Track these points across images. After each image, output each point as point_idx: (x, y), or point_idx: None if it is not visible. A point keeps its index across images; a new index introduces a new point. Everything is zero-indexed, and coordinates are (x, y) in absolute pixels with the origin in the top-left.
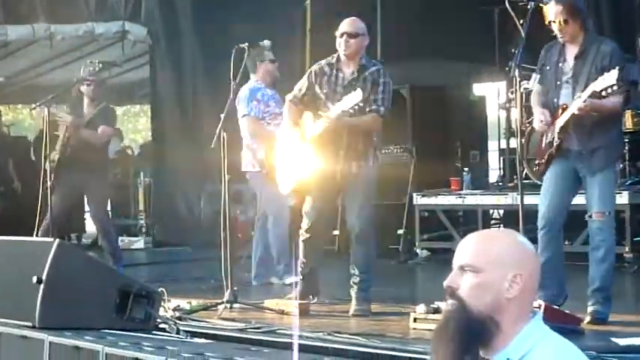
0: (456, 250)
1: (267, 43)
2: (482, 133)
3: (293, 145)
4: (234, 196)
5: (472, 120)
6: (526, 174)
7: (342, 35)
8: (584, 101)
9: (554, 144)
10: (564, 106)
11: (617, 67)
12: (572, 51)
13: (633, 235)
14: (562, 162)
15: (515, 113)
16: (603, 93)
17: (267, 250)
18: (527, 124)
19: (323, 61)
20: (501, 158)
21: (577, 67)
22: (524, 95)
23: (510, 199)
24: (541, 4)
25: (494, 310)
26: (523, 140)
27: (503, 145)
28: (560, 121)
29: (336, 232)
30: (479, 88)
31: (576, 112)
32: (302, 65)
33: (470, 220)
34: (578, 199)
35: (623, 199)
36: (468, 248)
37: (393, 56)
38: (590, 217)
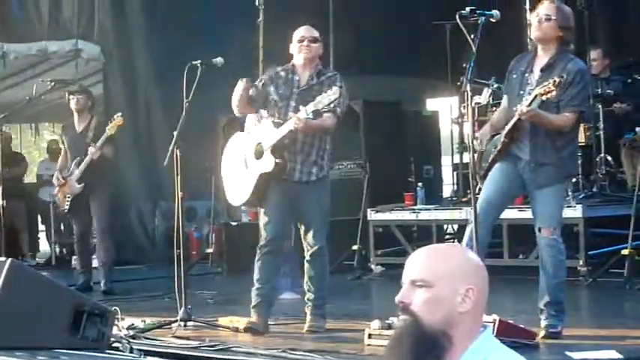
0: (406, 265)
1: (219, 60)
2: (436, 148)
3: (245, 154)
4: (187, 214)
5: (425, 135)
6: (479, 188)
7: (301, 40)
8: (528, 106)
9: (500, 144)
10: None
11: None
12: (540, 63)
13: (587, 249)
14: (509, 165)
15: (468, 128)
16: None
17: None
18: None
19: (278, 67)
20: (455, 173)
21: (541, 80)
22: (476, 109)
23: (464, 213)
24: (491, 19)
25: (448, 325)
26: (475, 155)
27: (457, 160)
28: (508, 125)
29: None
30: (432, 104)
31: (520, 117)
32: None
33: (424, 235)
34: (530, 214)
35: (577, 212)
36: (419, 263)
37: (345, 71)
38: (540, 231)
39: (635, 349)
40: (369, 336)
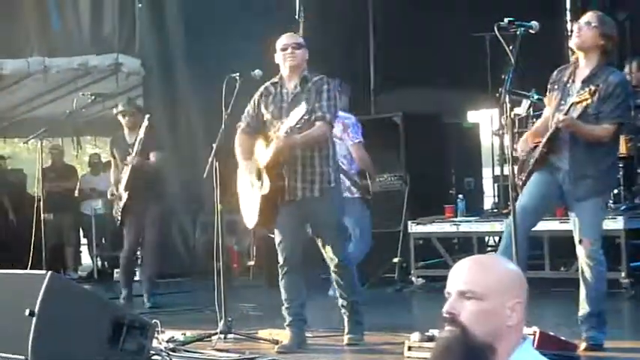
0: (451, 275)
1: (258, 72)
2: (476, 160)
3: (250, 176)
4: (228, 227)
5: (466, 147)
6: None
7: (285, 48)
8: (565, 114)
9: (538, 155)
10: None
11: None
12: (582, 74)
13: (629, 261)
14: (547, 174)
15: (507, 139)
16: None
17: None
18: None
19: (267, 83)
20: (495, 185)
21: (582, 90)
22: (516, 121)
23: (505, 225)
24: (530, 31)
25: (494, 338)
26: (516, 166)
27: (497, 172)
28: (547, 135)
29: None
30: (472, 115)
31: (557, 126)
32: None
33: (465, 248)
34: (571, 225)
35: (618, 224)
36: (467, 274)
37: (385, 84)
38: (580, 242)
39: None
40: (409, 348)
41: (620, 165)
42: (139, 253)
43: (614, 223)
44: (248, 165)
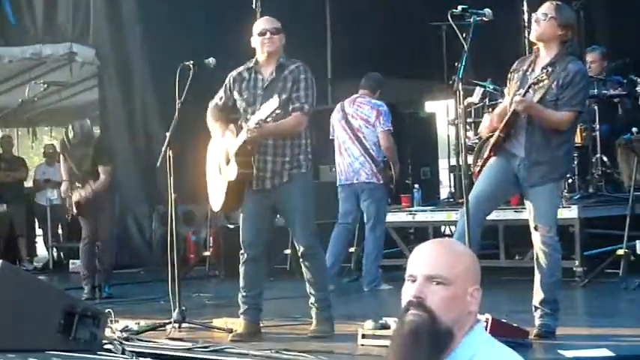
0: (417, 259)
1: (212, 60)
2: (433, 150)
3: (219, 160)
4: (185, 217)
5: (422, 137)
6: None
7: (263, 33)
8: (523, 96)
9: (495, 139)
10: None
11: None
12: (542, 62)
13: (583, 249)
14: (503, 161)
15: (461, 129)
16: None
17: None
18: (478, 139)
19: (241, 67)
20: (451, 174)
21: (545, 74)
22: (472, 110)
23: (460, 215)
24: (484, 18)
25: (456, 324)
26: (470, 155)
27: (454, 162)
28: (504, 120)
29: (287, 251)
30: (430, 106)
31: (514, 107)
32: None
33: (421, 237)
34: (526, 215)
35: (572, 213)
36: (435, 258)
37: (343, 73)
38: (535, 229)
39: (627, 347)
40: (363, 336)
41: (575, 154)
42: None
43: (569, 212)
44: (219, 146)
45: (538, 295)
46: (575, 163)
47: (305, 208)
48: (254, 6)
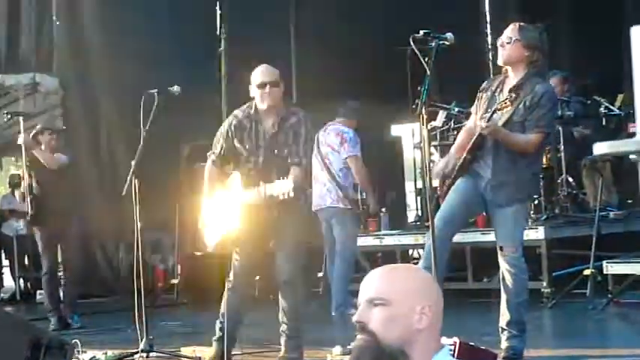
0: (362, 285)
1: (177, 88)
2: (399, 174)
3: (219, 202)
4: (152, 245)
5: (388, 161)
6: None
7: (263, 86)
8: (488, 122)
9: (462, 160)
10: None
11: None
12: (510, 83)
13: (550, 270)
14: (469, 182)
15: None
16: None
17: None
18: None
19: (240, 114)
20: (418, 198)
21: (509, 100)
22: (437, 134)
23: (428, 238)
24: (445, 43)
25: (405, 343)
26: (435, 179)
27: (420, 185)
28: (470, 142)
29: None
30: (396, 129)
31: (479, 131)
32: (218, 111)
33: (389, 261)
34: (493, 236)
35: (539, 234)
36: (375, 282)
37: (308, 97)
38: (501, 249)
39: None
40: None
41: (541, 176)
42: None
43: (536, 233)
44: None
45: (505, 316)
46: (541, 184)
47: (297, 234)
48: (218, 32)
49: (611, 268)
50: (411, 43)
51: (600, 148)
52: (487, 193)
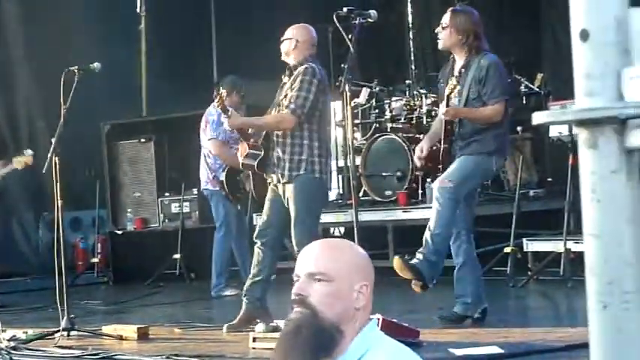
0: (301, 258)
1: (97, 65)
2: None
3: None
4: (73, 224)
5: None
6: (364, 190)
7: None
8: (447, 106)
9: (442, 152)
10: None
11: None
12: (458, 67)
13: None
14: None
15: (349, 130)
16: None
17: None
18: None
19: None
20: (340, 176)
21: (461, 80)
22: (359, 111)
23: (350, 216)
24: (369, 20)
25: (343, 320)
26: (357, 157)
27: (341, 164)
28: (442, 133)
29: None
30: None
31: (442, 118)
32: (138, 90)
33: None
34: (414, 214)
35: None
36: (317, 257)
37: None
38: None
39: (515, 343)
40: (254, 339)
41: None
42: None
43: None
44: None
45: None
46: None
47: (305, 205)
48: (138, 9)
49: (531, 245)
50: (335, 20)
51: (539, 118)
52: (457, 154)
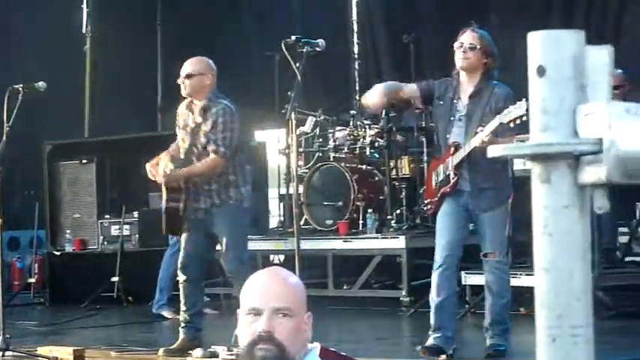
0: (258, 291)
1: (42, 84)
2: (262, 179)
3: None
4: (10, 243)
5: (253, 166)
6: (305, 219)
7: (180, 77)
8: (487, 135)
9: (451, 181)
10: (456, 144)
11: (523, 100)
12: (466, 90)
13: (410, 279)
14: (453, 201)
15: (293, 158)
16: (511, 124)
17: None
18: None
19: (183, 103)
20: (281, 204)
21: (471, 107)
22: (303, 140)
23: (290, 244)
24: (317, 49)
25: (298, 353)
26: (300, 185)
27: (283, 191)
28: (456, 159)
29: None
30: (260, 135)
31: (478, 145)
32: (82, 111)
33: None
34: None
35: (400, 243)
36: (281, 291)
37: (174, 100)
38: (485, 256)
39: None
40: None
41: (403, 185)
42: None
43: (397, 242)
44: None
45: (488, 317)
46: (403, 194)
47: (234, 231)
48: (84, 30)
49: (469, 279)
50: (283, 47)
51: (495, 151)
52: (470, 203)
